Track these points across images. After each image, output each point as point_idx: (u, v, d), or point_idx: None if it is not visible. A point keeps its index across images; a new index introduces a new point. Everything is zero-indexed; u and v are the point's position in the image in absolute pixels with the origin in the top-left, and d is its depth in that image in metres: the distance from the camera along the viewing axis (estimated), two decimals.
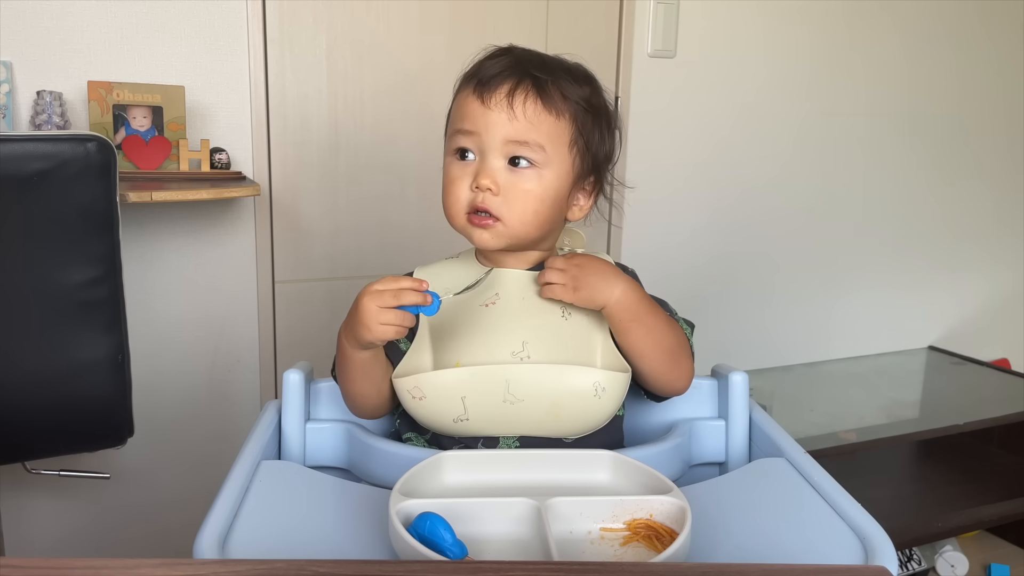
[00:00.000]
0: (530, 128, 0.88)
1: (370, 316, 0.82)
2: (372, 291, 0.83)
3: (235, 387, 1.83)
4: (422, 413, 0.89)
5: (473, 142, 0.90)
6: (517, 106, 0.88)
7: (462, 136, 0.91)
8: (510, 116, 0.88)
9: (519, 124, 0.88)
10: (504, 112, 0.88)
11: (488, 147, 0.89)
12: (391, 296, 0.82)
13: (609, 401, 0.88)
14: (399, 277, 0.84)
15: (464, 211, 0.91)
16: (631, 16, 2.05)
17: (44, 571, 0.55)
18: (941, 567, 2.09)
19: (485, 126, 0.89)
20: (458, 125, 0.91)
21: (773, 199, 2.34)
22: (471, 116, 0.90)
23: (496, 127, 0.88)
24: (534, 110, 0.89)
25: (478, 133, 0.89)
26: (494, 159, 0.89)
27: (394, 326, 0.82)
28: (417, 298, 0.81)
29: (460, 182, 0.91)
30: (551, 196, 0.91)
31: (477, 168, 0.90)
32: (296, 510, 0.78)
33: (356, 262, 1.89)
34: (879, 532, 0.73)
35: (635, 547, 0.72)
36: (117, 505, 1.76)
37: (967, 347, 2.67)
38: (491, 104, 0.88)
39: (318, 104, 1.79)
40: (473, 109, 0.89)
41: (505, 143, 0.89)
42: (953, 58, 2.50)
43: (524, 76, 0.89)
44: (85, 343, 1.21)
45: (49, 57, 1.55)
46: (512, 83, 0.89)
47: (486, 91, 0.89)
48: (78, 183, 1.15)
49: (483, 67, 0.91)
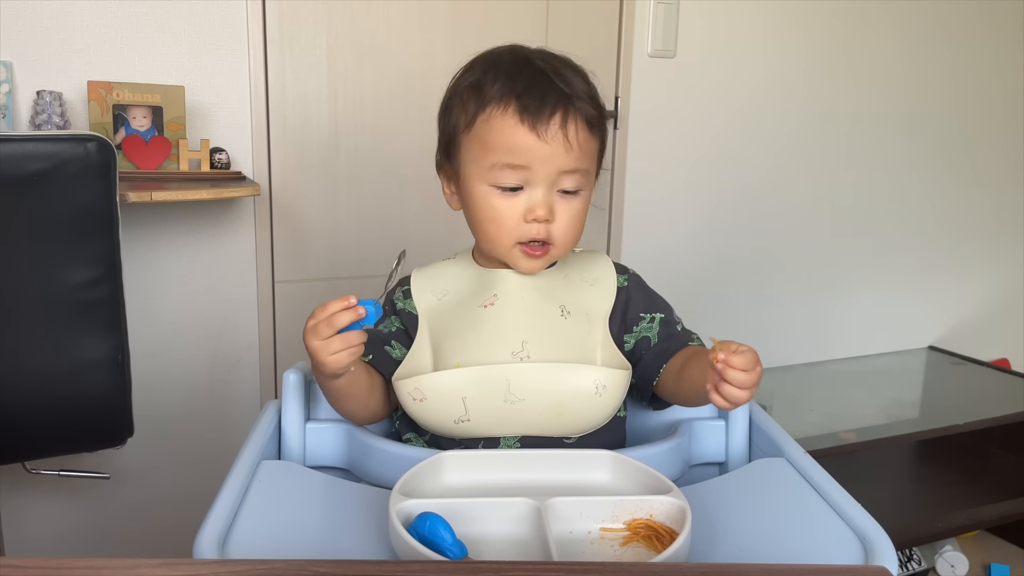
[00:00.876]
0: (582, 156, 0.88)
1: (318, 353, 0.81)
2: (308, 329, 0.80)
3: (235, 387, 1.83)
4: (423, 415, 0.89)
5: (523, 176, 0.87)
6: (571, 136, 0.87)
7: (510, 171, 0.87)
8: (567, 148, 0.86)
9: (574, 155, 0.87)
10: (561, 145, 0.86)
11: (541, 179, 0.87)
12: (325, 326, 0.79)
13: (610, 399, 0.88)
14: (327, 303, 0.80)
15: (515, 241, 0.90)
16: (631, 16, 2.05)
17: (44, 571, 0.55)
18: (941, 567, 2.09)
19: (541, 160, 0.86)
20: (505, 158, 0.87)
21: (773, 199, 2.34)
22: (524, 151, 0.86)
23: (553, 160, 0.86)
24: (586, 138, 0.88)
25: (531, 168, 0.87)
26: (546, 190, 0.88)
27: (344, 351, 0.80)
28: (350, 316, 0.79)
29: (509, 214, 0.88)
30: (585, 212, 0.92)
31: (528, 200, 0.88)
32: (296, 510, 0.78)
33: (356, 262, 1.89)
34: (879, 532, 0.73)
35: (635, 547, 0.72)
36: (117, 505, 1.76)
37: (967, 347, 2.67)
38: (547, 138, 0.86)
39: (318, 104, 1.79)
40: (526, 143, 0.86)
41: (559, 174, 0.87)
42: (952, 58, 2.50)
43: (567, 100, 0.86)
44: (85, 343, 1.21)
45: (49, 57, 1.55)
46: (562, 112, 0.86)
47: (539, 123, 0.85)
48: (78, 183, 1.15)
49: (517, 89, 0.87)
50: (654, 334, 0.96)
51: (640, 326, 0.96)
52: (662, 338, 0.96)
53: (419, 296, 0.96)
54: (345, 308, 0.79)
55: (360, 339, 0.81)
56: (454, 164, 0.93)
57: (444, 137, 0.94)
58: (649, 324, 0.96)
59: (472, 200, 0.91)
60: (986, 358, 2.64)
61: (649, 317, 0.96)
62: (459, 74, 0.93)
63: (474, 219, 0.92)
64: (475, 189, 0.90)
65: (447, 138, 0.93)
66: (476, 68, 0.92)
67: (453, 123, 0.91)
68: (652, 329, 0.96)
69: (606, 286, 0.96)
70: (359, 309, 0.79)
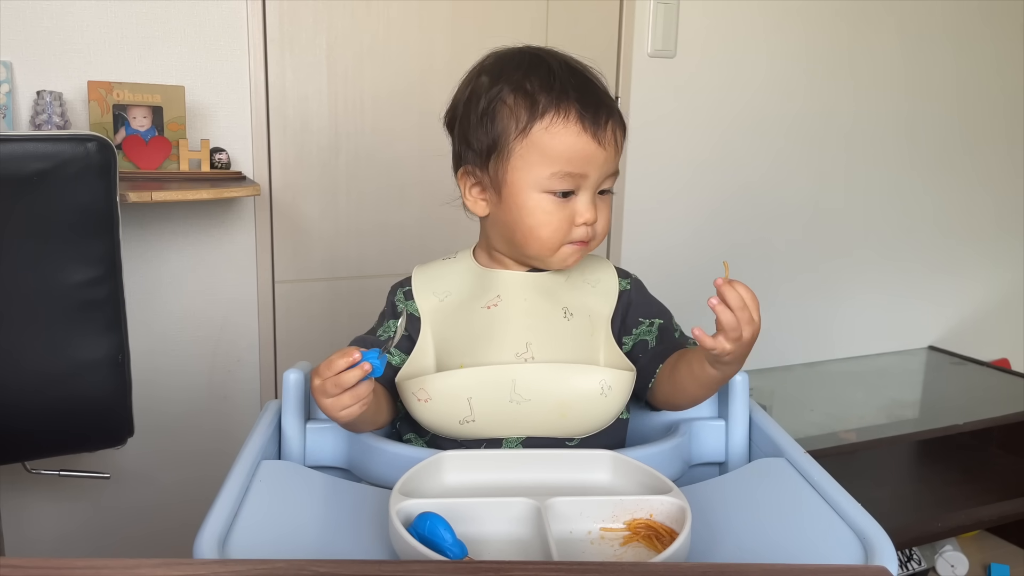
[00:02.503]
0: (618, 158, 0.91)
1: (329, 410, 0.81)
2: (316, 388, 0.80)
3: (235, 387, 1.83)
4: (427, 416, 0.89)
5: (574, 182, 0.89)
6: (620, 141, 0.90)
7: (571, 179, 0.88)
8: (616, 152, 0.90)
9: (618, 156, 0.91)
10: (614, 150, 0.90)
11: (592, 184, 0.90)
12: (333, 386, 0.79)
13: (615, 400, 0.88)
14: (333, 359, 0.79)
15: (563, 243, 0.91)
16: (631, 16, 2.05)
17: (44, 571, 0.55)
18: (941, 567, 2.09)
19: (598, 166, 0.89)
20: (568, 167, 0.88)
21: (773, 199, 2.34)
22: (586, 158, 0.88)
23: (606, 165, 0.90)
24: (621, 140, 0.91)
25: (587, 175, 0.89)
26: (591, 195, 0.90)
27: (356, 404, 0.80)
28: (357, 374, 0.78)
29: (560, 219, 0.89)
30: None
31: (577, 204, 0.89)
32: (296, 510, 0.78)
33: (356, 262, 1.89)
34: (879, 532, 0.73)
35: (635, 547, 0.72)
36: (117, 505, 1.76)
37: (967, 347, 2.67)
38: (605, 144, 0.88)
39: (318, 104, 1.79)
40: (589, 150, 0.88)
41: (605, 177, 0.90)
42: (953, 59, 2.50)
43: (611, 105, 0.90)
44: (85, 343, 1.21)
45: (49, 57, 1.55)
46: (613, 118, 0.89)
47: (599, 130, 0.88)
48: (78, 183, 1.15)
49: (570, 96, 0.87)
50: (652, 338, 0.96)
51: (639, 329, 0.96)
52: (659, 342, 0.96)
53: (421, 297, 0.96)
54: (350, 365, 0.78)
55: (368, 389, 0.81)
56: (497, 171, 0.90)
57: (482, 144, 0.90)
58: (648, 328, 0.97)
59: (521, 207, 0.89)
60: (986, 358, 2.64)
61: (648, 322, 0.97)
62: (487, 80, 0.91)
63: (521, 225, 0.90)
64: (526, 196, 0.89)
65: (489, 146, 0.90)
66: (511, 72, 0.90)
67: (500, 130, 0.89)
68: (651, 333, 0.97)
69: (608, 288, 0.97)
70: (365, 366, 0.78)
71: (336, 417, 0.81)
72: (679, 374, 0.92)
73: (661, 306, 1.00)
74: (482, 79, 0.91)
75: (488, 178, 0.91)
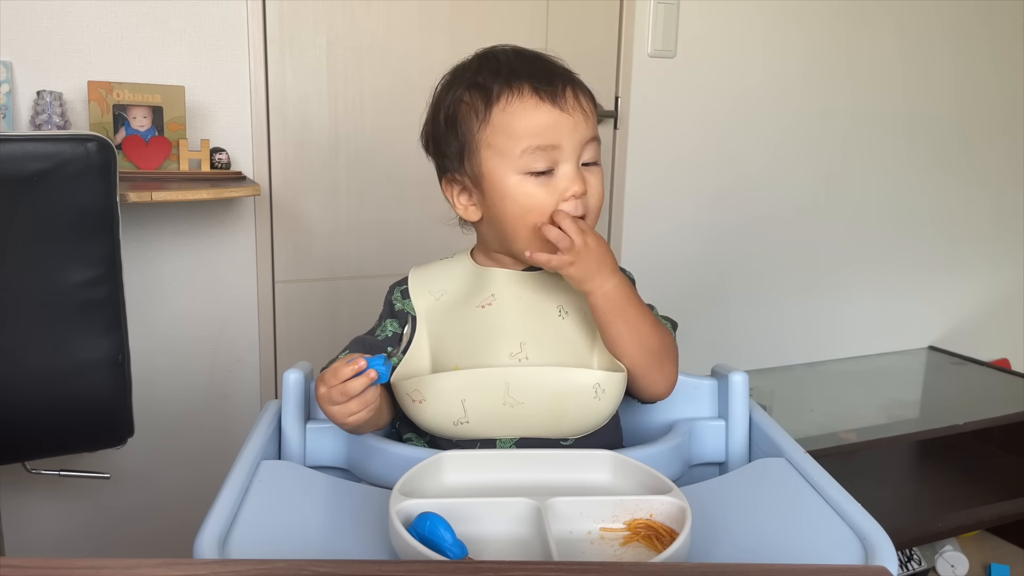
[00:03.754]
0: (594, 123, 0.89)
1: (336, 416, 0.81)
2: (322, 396, 0.80)
3: (235, 387, 1.83)
4: (421, 416, 0.89)
5: (552, 157, 0.87)
6: (586, 105, 0.88)
7: (541, 154, 0.86)
8: (586, 116, 0.87)
9: (591, 122, 0.88)
10: (581, 114, 0.87)
11: (570, 155, 0.87)
12: (339, 394, 0.79)
13: (608, 402, 0.88)
14: (338, 367, 0.79)
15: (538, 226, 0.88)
16: (631, 16, 2.05)
17: (44, 571, 0.55)
18: (941, 567, 2.09)
19: (568, 133, 0.86)
20: (535, 141, 0.86)
21: (773, 199, 2.34)
22: (552, 128, 0.86)
23: (578, 131, 0.87)
24: (590, 105, 0.88)
25: (559, 145, 0.86)
26: (574, 164, 0.87)
27: (363, 410, 0.81)
28: (363, 382, 0.78)
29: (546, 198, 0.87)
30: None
31: (560, 180, 0.87)
32: (296, 510, 0.78)
33: (356, 262, 1.89)
34: (879, 532, 0.73)
35: (635, 547, 0.72)
36: (117, 505, 1.76)
37: (967, 347, 2.67)
38: (569, 110, 0.86)
39: (318, 104, 1.79)
40: (552, 119, 0.86)
41: (582, 144, 0.88)
42: (952, 59, 2.50)
43: (568, 73, 0.88)
44: (85, 343, 1.21)
45: (49, 57, 1.55)
46: (571, 84, 0.87)
47: (557, 97, 0.85)
48: (78, 183, 1.15)
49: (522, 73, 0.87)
50: None
51: None
52: None
53: (417, 296, 0.96)
54: (356, 372, 0.78)
55: (375, 395, 0.81)
56: (473, 169, 0.90)
57: (453, 148, 0.91)
58: None
59: (505, 195, 0.88)
60: (986, 358, 2.64)
61: None
62: (443, 89, 0.93)
63: (509, 214, 0.88)
64: (506, 183, 0.88)
65: (459, 147, 0.91)
66: (463, 74, 0.92)
67: (465, 128, 0.89)
68: None
69: None
70: (371, 373, 0.78)
71: (343, 423, 0.82)
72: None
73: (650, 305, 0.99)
74: (440, 91, 0.94)
75: (468, 179, 0.91)
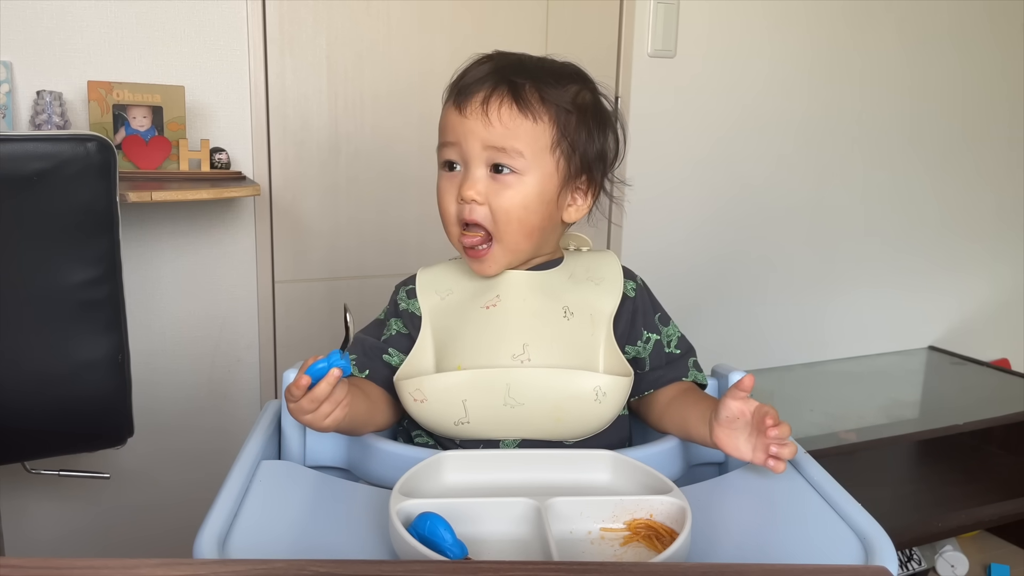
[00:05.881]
0: (507, 134, 0.88)
1: (313, 423, 0.81)
2: (293, 409, 0.80)
3: (235, 387, 1.83)
4: (423, 415, 0.89)
5: (456, 153, 0.91)
6: (492, 112, 0.89)
7: (446, 148, 0.92)
8: (485, 123, 0.89)
9: (495, 130, 0.88)
10: (479, 120, 0.89)
11: (469, 156, 0.90)
12: (308, 402, 0.79)
13: (610, 405, 0.88)
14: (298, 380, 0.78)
15: (455, 224, 0.92)
16: (631, 16, 2.05)
17: (44, 571, 0.55)
18: (941, 567, 2.09)
19: (463, 135, 0.89)
20: (441, 137, 0.93)
21: (773, 199, 2.34)
22: (451, 126, 0.91)
23: (473, 135, 0.89)
24: (509, 115, 0.89)
25: (458, 143, 0.90)
26: (476, 168, 0.90)
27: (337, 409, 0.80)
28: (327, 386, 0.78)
29: (448, 195, 0.92)
30: (535, 202, 0.90)
31: (461, 179, 0.91)
32: (296, 510, 0.78)
33: (356, 262, 1.89)
34: (879, 532, 0.73)
35: (635, 547, 0.72)
36: (117, 505, 1.76)
37: (967, 347, 2.67)
38: (467, 113, 0.89)
39: (318, 104, 1.79)
40: (452, 119, 0.91)
41: (484, 150, 0.89)
42: (954, 59, 2.50)
43: (500, 82, 0.89)
44: (85, 343, 1.21)
45: (49, 57, 1.55)
46: (488, 90, 0.89)
47: (463, 100, 0.90)
48: (78, 183, 1.15)
49: (464, 77, 0.92)
50: (648, 355, 0.97)
51: (640, 343, 0.96)
52: (653, 363, 0.97)
53: (423, 296, 0.96)
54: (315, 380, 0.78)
55: (344, 390, 0.81)
56: None
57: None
58: (645, 345, 0.96)
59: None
60: (986, 358, 2.64)
61: (646, 336, 0.96)
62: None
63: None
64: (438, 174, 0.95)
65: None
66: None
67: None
68: (647, 350, 0.96)
69: (612, 286, 0.95)
70: (334, 372, 0.78)
71: (323, 427, 0.81)
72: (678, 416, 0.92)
73: (663, 314, 0.99)
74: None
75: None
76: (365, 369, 0.94)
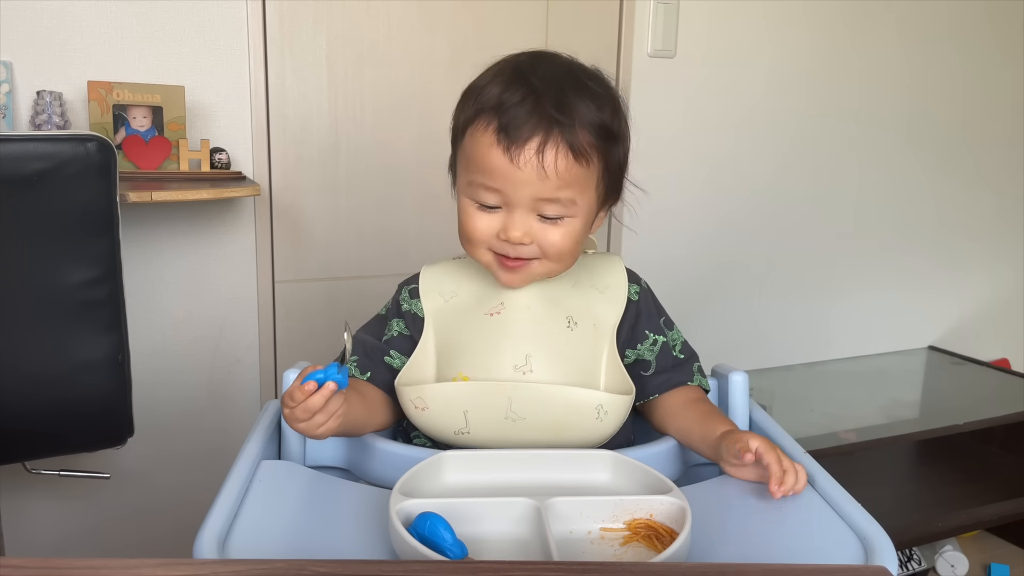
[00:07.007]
0: (560, 185, 0.83)
1: (307, 432, 0.80)
2: (288, 416, 0.79)
3: (235, 387, 1.83)
4: (424, 423, 0.89)
5: (499, 199, 0.85)
6: (548, 165, 0.82)
7: (486, 192, 0.85)
8: (541, 176, 0.82)
9: (550, 183, 0.83)
10: (534, 172, 0.82)
11: (516, 203, 0.85)
12: (303, 411, 0.77)
13: (610, 423, 0.88)
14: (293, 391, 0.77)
15: (487, 249, 0.88)
16: (631, 16, 2.05)
17: (44, 571, 0.55)
18: (941, 567, 2.09)
19: (513, 186, 0.83)
20: (480, 178, 0.85)
21: (773, 199, 2.34)
22: (498, 174, 0.83)
23: (525, 187, 0.83)
24: (566, 165, 0.83)
25: (505, 192, 0.84)
26: (523, 214, 0.85)
27: (331, 419, 0.79)
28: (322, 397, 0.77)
29: (484, 229, 0.87)
30: (582, 236, 0.89)
31: (504, 220, 0.86)
32: (296, 510, 0.78)
33: (356, 262, 1.89)
34: (879, 532, 0.73)
35: (635, 547, 0.72)
36: (117, 505, 1.76)
37: (967, 347, 2.67)
38: (520, 163, 0.82)
39: (318, 104, 1.79)
40: (498, 164, 0.83)
41: (535, 201, 0.84)
42: (954, 60, 2.50)
43: (551, 125, 0.82)
44: (85, 343, 1.21)
45: (49, 57, 1.55)
46: (540, 137, 0.82)
47: (514, 146, 0.82)
48: (78, 183, 1.15)
49: (504, 107, 0.83)
50: (653, 357, 0.96)
51: (643, 345, 0.96)
52: (659, 366, 0.96)
53: (427, 297, 0.95)
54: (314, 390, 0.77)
55: (340, 402, 0.80)
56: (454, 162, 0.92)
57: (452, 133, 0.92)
58: (651, 347, 0.96)
59: (458, 208, 0.90)
60: (986, 358, 2.64)
61: (652, 339, 0.96)
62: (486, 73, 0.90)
63: (458, 223, 0.90)
64: (460, 199, 0.89)
65: (452, 134, 0.91)
66: (490, 70, 0.89)
67: (455, 123, 0.90)
68: (653, 352, 0.96)
69: (616, 295, 0.95)
70: (329, 385, 0.76)
71: (316, 436, 0.80)
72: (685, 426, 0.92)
73: (666, 317, 0.99)
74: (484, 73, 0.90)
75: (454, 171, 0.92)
76: (367, 371, 0.94)
